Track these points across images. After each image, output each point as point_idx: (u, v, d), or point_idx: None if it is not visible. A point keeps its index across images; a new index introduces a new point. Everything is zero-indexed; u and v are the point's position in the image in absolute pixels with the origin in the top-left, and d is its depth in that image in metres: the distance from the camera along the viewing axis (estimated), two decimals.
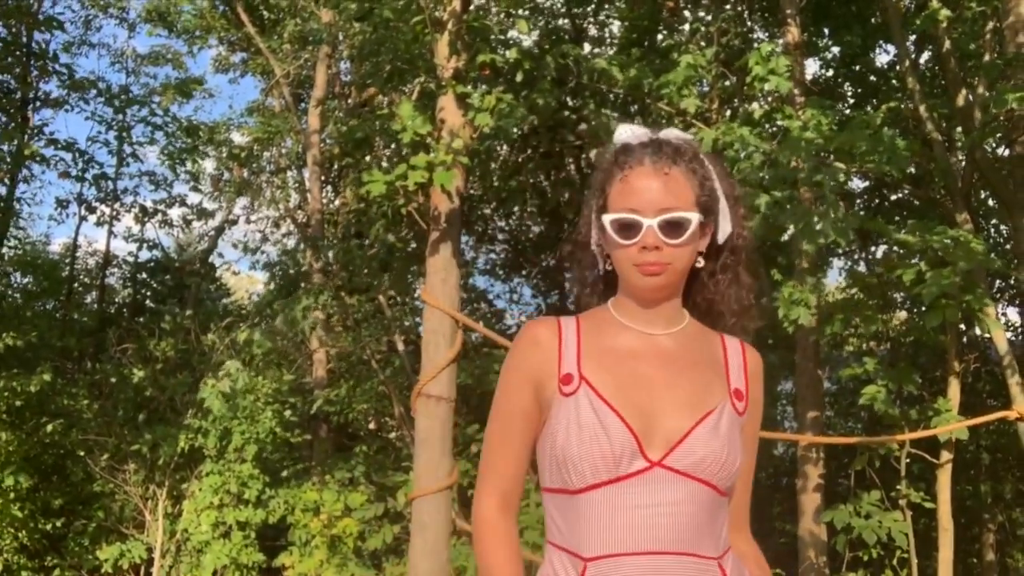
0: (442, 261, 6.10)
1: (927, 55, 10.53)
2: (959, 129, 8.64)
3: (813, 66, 11.15)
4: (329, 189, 13.18)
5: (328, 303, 9.87)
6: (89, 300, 14.04)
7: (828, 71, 10.94)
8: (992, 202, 10.24)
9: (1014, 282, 10.41)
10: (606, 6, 11.24)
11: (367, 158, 10.51)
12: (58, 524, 9.22)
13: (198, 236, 15.77)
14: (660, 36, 10.21)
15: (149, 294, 14.41)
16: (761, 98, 9.22)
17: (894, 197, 10.82)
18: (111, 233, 13.19)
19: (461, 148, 5.85)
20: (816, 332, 7.48)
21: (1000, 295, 11.33)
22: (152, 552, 8.95)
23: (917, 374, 7.98)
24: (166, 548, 9.00)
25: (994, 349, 7.67)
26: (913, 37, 9.57)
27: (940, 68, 9.18)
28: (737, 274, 1.64)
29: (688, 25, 9.79)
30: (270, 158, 13.54)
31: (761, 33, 10.32)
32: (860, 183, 10.50)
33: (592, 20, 11.81)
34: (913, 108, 8.33)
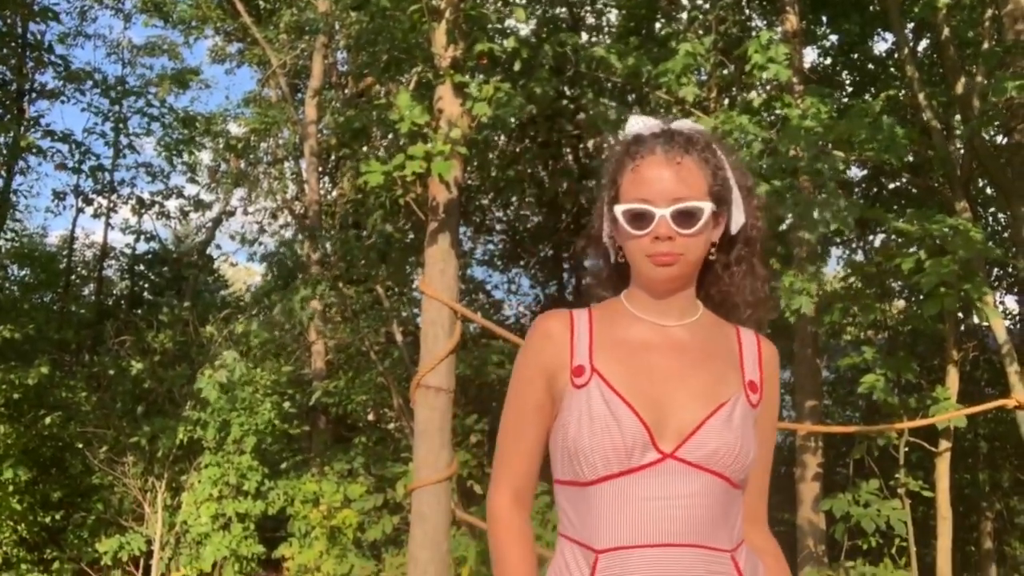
0: (440, 251, 6.08)
1: (926, 43, 10.52)
2: (958, 117, 8.64)
3: (812, 54, 11.15)
4: (326, 180, 13.17)
5: (326, 294, 9.85)
6: (87, 292, 14.03)
7: (827, 59, 10.91)
8: (991, 190, 10.23)
9: (1012, 270, 10.41)
10: None
11: (364, 148, 10.46)
12: (57, 517, 9.21)
13: (195, 228, 15.78)
14: (658, 24, 10.19)
15: (147, 286, 14.39)
16: (760, 86, 9.21)
17: (893, 185, 10.80)
18: (108, 225, 13.17)
19: (459, 138, 5.82)
20: (815, 321, 7.48)
21: (998, 283, 11.33)
22: (151, 544, 8.95)
23: (916, 363, 8.02)
24: (165, 540, 9.00)
25: (992, 337, 7.67)
26: (912, 25, 9.55)
27: (939, 56, 9.15)
28: (752, 266, 1.62)
29: (686, 13, 9.74)
30: (267, 149, 13.51)
31: (759, 21, 10.29)
32: (859, 171, 10.49)
33: (589, 8, 11.77)
34: (912, 96, 8.32)
